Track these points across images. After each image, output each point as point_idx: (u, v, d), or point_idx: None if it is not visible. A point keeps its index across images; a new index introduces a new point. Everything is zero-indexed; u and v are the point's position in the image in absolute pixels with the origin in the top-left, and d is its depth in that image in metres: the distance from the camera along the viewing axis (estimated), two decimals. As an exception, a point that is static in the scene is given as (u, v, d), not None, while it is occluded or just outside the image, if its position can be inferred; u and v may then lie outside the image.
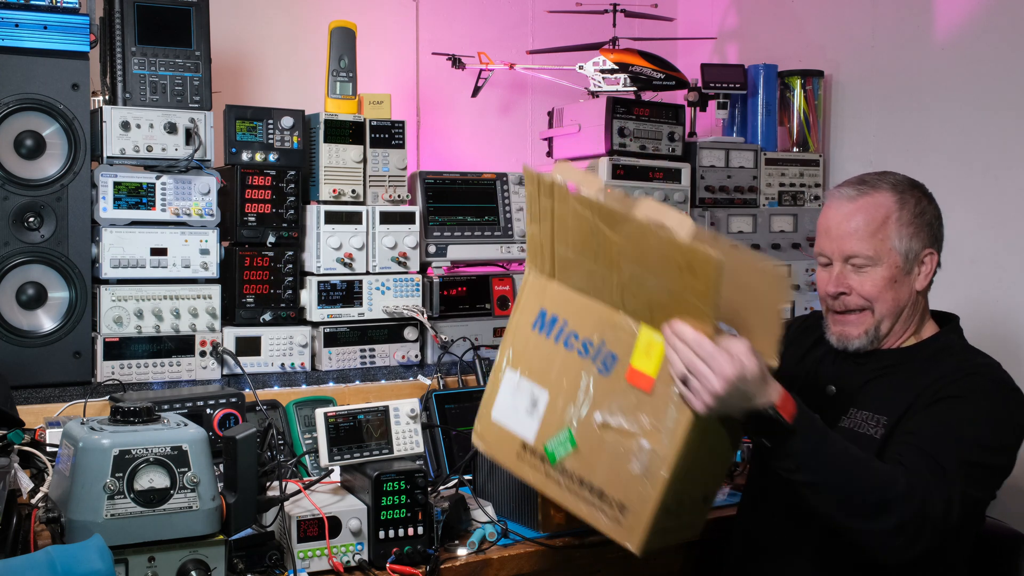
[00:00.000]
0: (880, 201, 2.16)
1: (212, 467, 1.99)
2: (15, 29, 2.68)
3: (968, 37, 3.52)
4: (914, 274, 2.18)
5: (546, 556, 2.38)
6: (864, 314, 2.17)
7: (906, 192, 2.19)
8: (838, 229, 2.17)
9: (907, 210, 2.17)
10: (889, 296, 2.15)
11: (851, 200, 2.18)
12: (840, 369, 2.24)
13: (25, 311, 2.76)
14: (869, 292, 2.15)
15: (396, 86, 3.86)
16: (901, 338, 2.21)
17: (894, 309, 2.16)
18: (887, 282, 2.14)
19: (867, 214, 2.15)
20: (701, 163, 3.80)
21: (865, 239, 2.14)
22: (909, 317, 2.20)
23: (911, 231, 2.16)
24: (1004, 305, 3.41)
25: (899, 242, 2.15)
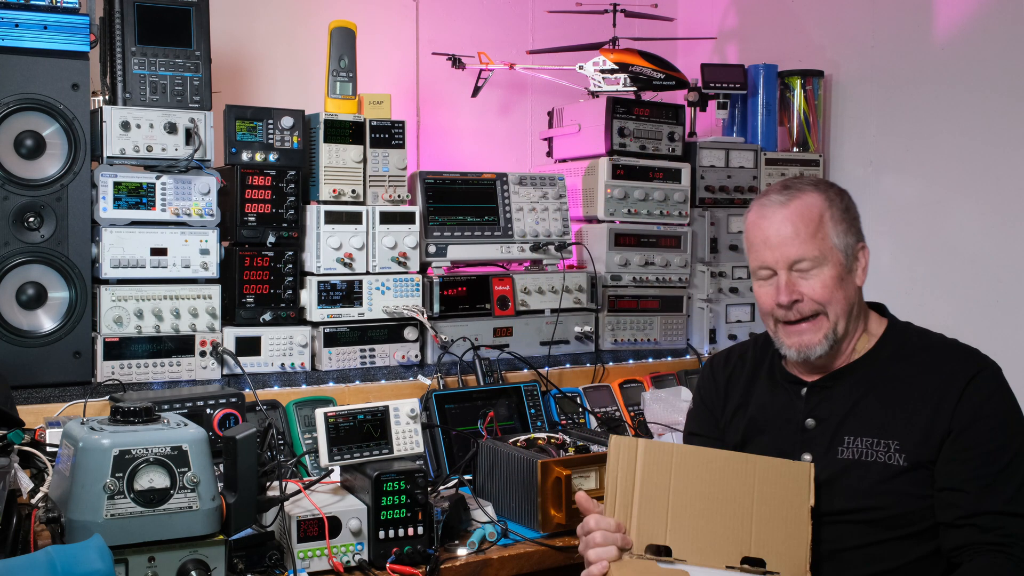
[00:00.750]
0: (810, 201, 2.12)
1: (212, 467, 1.99)
2: (15, 29, 2.68)
3: (968, 37, 3.52)
4: (855, 270, 2.15)
5: (546, 556, 2.38)
6: (819, 319, 2.12)
7: (829, 190, 2.17)
8: (777, 236, 2.11)
9: (836, 207, 2.14)
10: (840, 295, 2.12)
11: (783, 205, 2.12)
12: (812, 399, 2.17)
13: (25, 311, 2.75)
14: (821, 295, 2.11)
15: (396, 86, 3.86)
16: (854, 339, 2.17)
17: (846, 308, 2.12)
18: (836, 281, 2.11)
19: (803, 216, 2.11)
20: (701, 163, 3.80)
21: (807, 241, 2.09)
22: (857, 315, 2.17)
23: (844, 227, 2.13)
24: (1004, 305, 3.41)
25: (837, 239, 2.12)
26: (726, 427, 2.30)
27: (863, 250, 2.16)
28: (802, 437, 2.14)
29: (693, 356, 3.67)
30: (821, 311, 2.11)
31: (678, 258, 3.69)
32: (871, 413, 2.10)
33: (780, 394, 2.23)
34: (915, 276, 3.69)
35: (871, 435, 2.08)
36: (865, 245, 2.17)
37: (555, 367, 3.38)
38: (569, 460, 2.48)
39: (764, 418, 2.22)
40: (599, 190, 3.60)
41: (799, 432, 2.15)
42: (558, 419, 3.18)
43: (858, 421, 2.10)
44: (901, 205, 3.74)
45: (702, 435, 2.33)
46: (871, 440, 2.08)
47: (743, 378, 2.30)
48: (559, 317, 3.43)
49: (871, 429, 2.08)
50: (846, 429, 2.10)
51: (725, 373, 2.35)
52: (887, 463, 2.05)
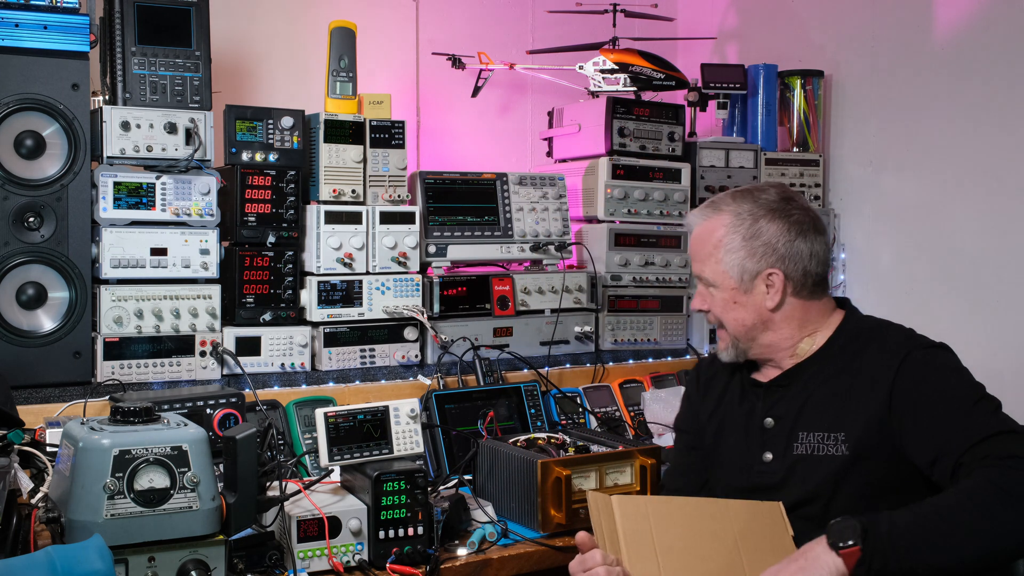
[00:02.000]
0: (715, 226, 2.22)
1: (212, 467, 1.99)
2: (15, 29, 2.68)
3: (968, 37, 3.52)
4: (758, 293, 2.19)
5: (546, 556, 2.38)
6: (722, 331, 2.27)
7: (744, 215, 2.19)
8: (691, 251, 2.30)
9: (737, 234, 2.18)
10: (731, 316, 2.22)
11: (697, 224, 2.27)
12: (770, 398, 2.24)
13: (25, 311, 2.75)
14: (716, 312, 2.25)
15: (396, 86, 3.86)
16: (788, 350, 2.22)
17: (740, 329, 2.22)
18: (726, 303, 2.22)
19: (703, 239, 2.24)
20: (701, 163, 3.80)
21: (703, 262, 2.24)
22: (771, 332, 2.21)
23: (743, 254, 2.18)
24: (1004, 305, 3.41)
25: (729, 265, 2.19)
26: (703, 427, 2.38)
27: (772, 275, 2.18)
28: (762, 437, 2.21)
29: (693, 356, 3.67)
30: (719, 323, 2.26)
31: (678, 258, 3.69)
32: (822, 408, 2.15)
33: (747, 397, 2.31)
34: (915, 276, 3.69)
35: (822, 429, 2.13)
36: (775, 270, 2.17)
37: (555, 367, 3.38)
38: (569, 460, 2.48)
39: (732, 420, 2.31)
40: (599, 190, 3.60)
41: (760, 432, 2.22)
42: (558, 419, 3.18)
43: (810, 417, 2.16)
44: (901, 205, 3.74)
45: (686, 431, 2.45)
46: (822, 435, 2.13)
47: (720, 383, 2.39)
48: (559, 317, 3.43)
49: (822, 424, 2.13)
50: (800, 425, 2.16)
51: (707, 376, 2.44)
52: (834, 455, 2.10)
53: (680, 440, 2.46)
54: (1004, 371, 3.24)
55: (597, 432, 2.91)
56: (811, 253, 2.19)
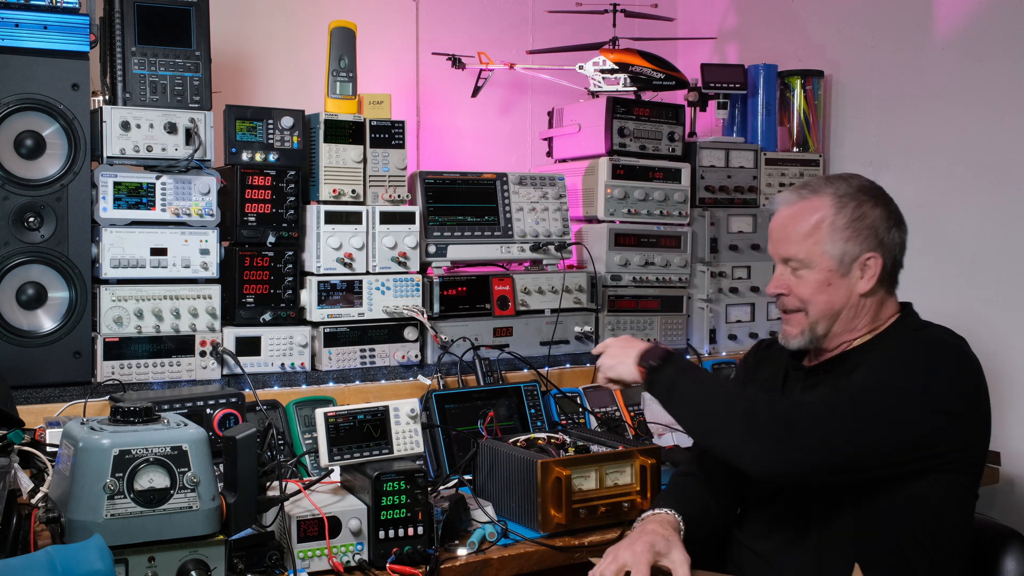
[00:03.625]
0: (816, 206, 2.20)
1: (212, 467, 1.99)
2: (15, 29, 2.68)
3: (968, 37, 3.52)
4: (853, 277, 2.20)
5: (546, 556, 2.38)
6: (799, 315, 2.24)
7: (847, 197, 2.21)
8: (777, 233, 2.26)
9: (843, 215, 2.19)
10: (822, 299, 2.20)
11: (790, 205, 2.25)
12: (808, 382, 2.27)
13: (25, 311, 2.75)
14: (802, 294, 2.21)
15: (396, 86, 3.86)
16: (851, 339, 2.24)
17: (827, 312, 2.20)
18: (820, 285, 2.19)
19: (801, 219, 2.21)
20: (701, 163, 3.80)
21: (797, 242, 2.20)
22: (851, 319, 2.22)
23: (846, 235, 2.18)
24: (1004, 305, 3.41)
25: (831, 246, 2.18)
26: None
27: (871, 259, 2.19)
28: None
29: (693, 356, 3.67)
30: (802, 308, 2.23)
31: (678, 258, 3.69)
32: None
33: (790, 380, 2.34)
34: (915, 276, 3.67)
35: None
36: (875, 255, 2.19)
37: (555, 367, 3.38)
38: (569, 460, 2.48)
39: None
40: (599, 190, 3.60)
41: None
42: (558, 419, 3.18)
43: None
44: (901, 205, 3.71)
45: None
46: None
47: (772, 364, 2.42)
48: (559, 317, 3.43)
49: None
50: None
51: (763, 355, 2.49)
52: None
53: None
54: (1005, 369, 3.25)
55: (597, 432, 2.91)
56: (902, 244, 2.23)
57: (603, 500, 2.49)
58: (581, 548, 2.41)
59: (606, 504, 2.49)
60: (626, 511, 2.51)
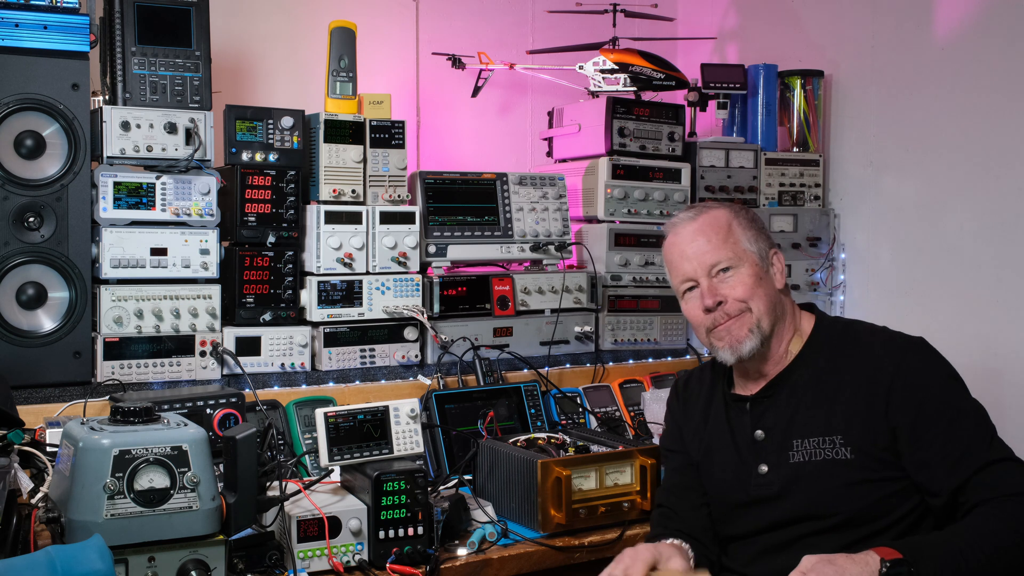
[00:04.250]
0: (717, 215, 2.25)
1: (212, 467, 1.99)
2: (15, 29, 2.68)
3: (968, 37, 3.52)
4: (771, 273, 2.24)
5: (546, 556, 2.38)
6: (744, 315, 2.20)
7: (734, 205, 2.31)
8: (692, 247, 2.23)
9: (742, 216, 2.26)
10: (761, 292, 2.20)
11: (692, 220, 2.26)
12: (756, 411, 2.24)
13: (25, 311, 2.75)
14: (742, 293, 2.20)
15: (396, 86, 3.86)
16: (785, 341, 2.24)
17: (768, 305, 2.20)
18: (755, 279, 2.21)
19: (712, 227, 2.24)
20: (701, 163, 3.80)
21: (720, 246, 2.21)
22: (784, 317, 2.24)
23: (753, 234, 2.24)
24: (1004, 305, 3.41)
25: (748, 243, 2.22)
26: (689, 444, 2.37)
27: (776, 255, 2.27)
28: (755, 449, 2.21)
29: (693, 356, 3.67)
30: (745, 308, 2.20)
31: (678, 258, 3.69)
32: (813, 413, 2.15)
33: (732, 413, 2.30)
34: (915, 276, 3.69)
35: (816, 434, 2.13)
36: (778, 250, 2.28)
37: (555, 367, 3.38)
38: (569, 460, 2.48)
39: (719, 437, 2.29)
40: (599, 190, 3.60)
41: (752, 445, 2.22)
42: (558, 419, 3.18)
43: (803, 423, 2.16)
44: (901, 205, 3.74)
45: (676, 451, 2.41)
46: (817, 439, 2.13)
47: (701, 400, 2.38)
48: (559, 317, 3.43)
49: (815, 428, 2.14)
50: (793, 433, 2.16)
51: (684, 396, 2.44)
52: (835, 459, 2.10)
53: (672, 459, 2.42)
54: (1003, 371, 3.24)
55: (597, 432, 2.91)
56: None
57: (603, 500, 2.50)
58: (581, 548, 2.41)
59: (606, 504, 2.50)
60: (626, 511, 2.51)
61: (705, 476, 2.31)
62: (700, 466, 2.32)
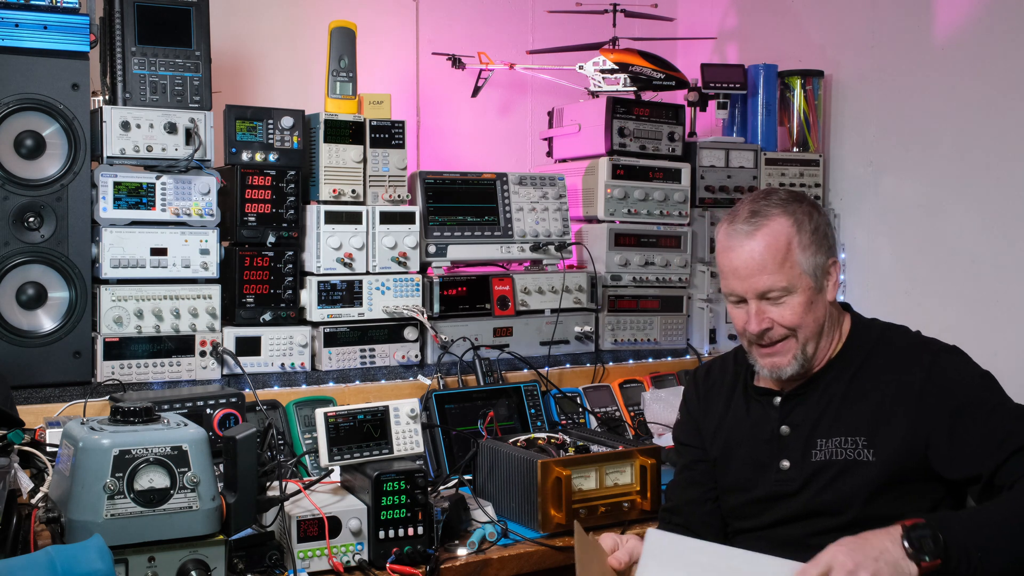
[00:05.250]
0: (777, 229, 2.11)
1: (212, 467, 1.99)
2: (15, 29, 2.68)
3: (968, 37, 3.52)
4: (825, 288, 2.16)
5: (546, 556, 2.38)
6: (788, 341, 2.13)
7: (797, 211, 2.13)
8: (746, 268, 2.11)
9: (804, 230, 2.12)
10: (810, 319, 2.13)
11: (749, 236, 2.11)
12: (785, 407, 2.21)
13: (25, 311, 2.75)
14: (791, 321, 2.12)
15: (396, 86, 3.86)
16: (826, 352, 2.20)
17: (816, 330, 2.15)
18: (805, 307, 2.12)
19: (769, 246, 2.10)
20: (701, 163, 3.80)
21: (775, 272, 2.09)
22: (830, 330, 2.20)
23: (813, 249, 2.11)
24: (1004, 305, 3.41)
25: (806, 263, 2.11)
26: (707, 439, 2.33)
27: (834, 265, 2.16)
28: (778, 445, 2.18)
29: (693, 356, 3.67)
30: (791, 335, 2.13)
31: (678, 258, 3.69)
32: (841, 414, 2.14)
33: (755, 407, 2.26)
34: (915, 276, 3.69)
35: (840, 434, 2.11)
36: (836, 259, 2.17)
37: (555, 367, 3.38)
38: (569, 460, 2.48)
39: (741, 430, 2.26)
40: (599, 190, 3.60)
41: (775, 440, 2.19)
42: (558, 419, 3.18)
43: (829, 423, 2.14)
44: (901, 205, 3.74)
45: (689, 444, 2.37)
46: (840, 439, 2.11)
47: (722, 392, 2.34)
48: (559, 317, 3.43)
49: (840, 429, 2.12)
50: (819, 432, 2.14)
51: (705, 387, 2.38)
52: (856, 460, 2.08)
53: (685, 453, 2.38)
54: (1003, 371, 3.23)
55: (597, 432, 2.91)
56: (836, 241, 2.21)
57: (603, 500, 2.50)
58: (581, 548, 2.41)
59: (606, 504, 2.50)
60: (626, 511, 2.51)
61: (721, 470, 2.29)
62: (717, 460, 2.29)
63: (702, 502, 2.30)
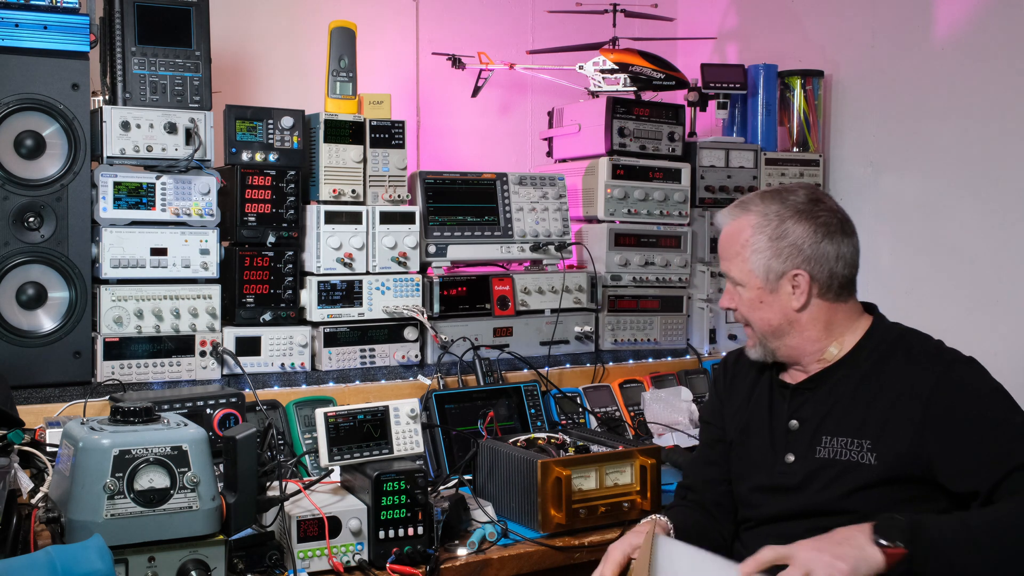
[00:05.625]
0: (742, 225, 2.21)
1: (212, 467, 1.99)
2: (15, 29, 2.68)
3: (968, 37, 3.52)
4: (783, 294, 2.18)
5: (546, 556, 2.38)
6: (749, 329, 2.27)
7: (771, 214, 2.18)
8: (719, 251, 2.30)
9: (763, 234, 2.17)
10: (757, 316, 2.21)
11: (724, 219, 2.27)
12: (795, 401, 2.24)
13: (25, 311, 2.75)
14: (743, 311, 2.24)
15: (396, 86, 3.86)
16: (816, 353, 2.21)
17: (767, 328, 2.21)
18: (753, 303, 2.21)
19: (731, 237, 2.23)
20: (701, 163, 3.80)
21: (730, 261, 2.24)
22: (800, 334, 2.20)
23: (768, 254, 2.16)
24: (1004, 305, 3.41)
25: (755, 264, 2.18)
26: (728, 421, 2.37)
27: (798, 275, 2.16)
28: (786, 439, 2.21)
29: (693, 356, 3.67)
30: (746, 322, 2.26)
31: (678, 258, 3.70)
32: (848, 413, 2.15)
33: (776, 399, 2.29)
34: (915, 276, 3.69)
35: (846, 435, 2.13)
36: (801, 272, 2.16)
37: (555, 367, 3.38)
38: (569, 460, 2.48)
39: (758, 420, 2.30)
40: (599, 190, 3.60)
41: (784, 434, 2.22)
42: (558, 419, 3.18)
43: (836, 421, 2.15)
44: (901, 205, 3.74)
45: (711, 423, 2.44)
46: (845, 440, 2.12)
47: (748, 379, 2.37)
48: (559, 317, 3.43)
49: (847, 429, 2.13)
50: (825, 429, 2.16)
51: (733, 371, 2.43)
52: (859, 462, 2.09)
53: (707, 431, 2.46)
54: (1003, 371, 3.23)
55: (597, 432, 2.91)
56: (838, 255, 2.17)
57: (603, 500, 2.49)
58: (581, 548, 2.41)
59: (606, 504, 2.49)
60: (626, 511, 2.51)
61: (736, 455, 2.32)
62: (733, 444, 2.33)
63: (718, 483, 2.35)
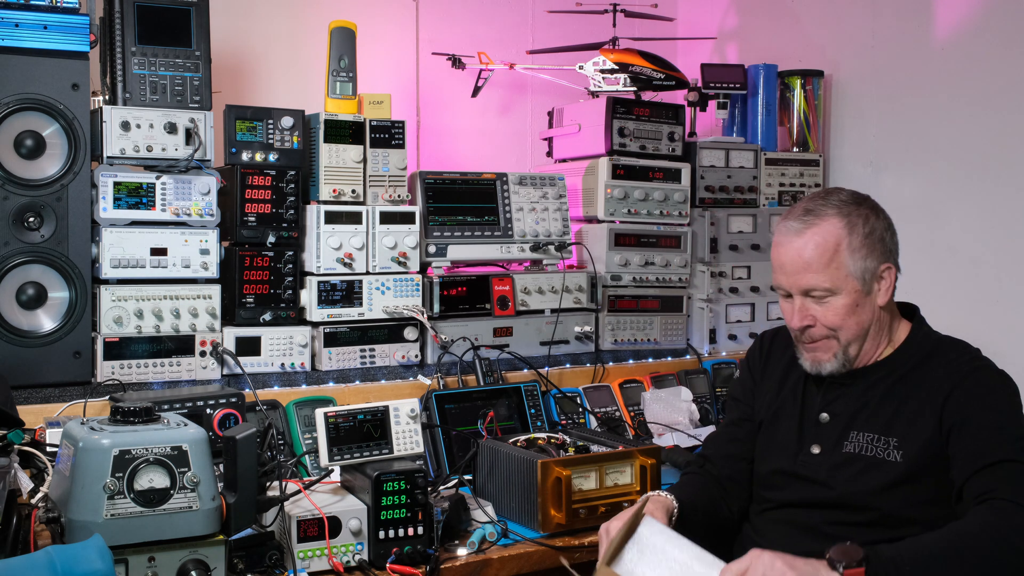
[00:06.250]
0: (827, 229, 2.13)
1: (212, 467, 1.99)
2: (15, 29, 2.68)
3: (968, 37, 3.52)
4: (875, 292, 2.17)
5: (546, 556, 2.38)
6: (830, 340, 2.17)
7: (852, 213, 2.15)
8: (792, 265, 2.15)
9: (856, 233, 2.13)
10: (852, 322, 2.16)
11: (798, 234, 2.15)
12: (829, 395, 2.24)
13: (25, 311, 2.75)
14: (832, 321, 2.15)
15: (396, 86, 3.86)
16: (875, 353, 2.22)
17: (858, 333, 2.17)
18: (849, 309, 2.14)
19: (817, 246, 2.13)
20: (701, 163, 3.80)
21: (819, 271, 2.12)
22: (877, 334, 2.21)
23: (864, 252, 2.13)
24: (1004, 305, 3.41)
25: (853, 266, 2.13)
26: (760, 400, 2.38)
27: (888, 270, 2.17)
28: (815, 430, 2.22)
29: (693, 356, 3.67)
30: (832, 335, 2.16)
31: (678, 258, 3.69)
32: (879, 411, 2.16)
33: (808, 385, 2.29)
34: (915, 276, 3.68)
35: (874, 431, 2.14)
36: (891, 265, 2.18)
37: (555, 367, 3.38)
38: (569, 460, 2.48)
39: (788, 406, 2.30)
40: (599, 190, 3.60)
41: (814, 425, 2.23)
42: (558, 419, 3.18)
43: (866, 418, 2.17)
44: (901, 205, 3.72)
45: (741, 401, 2.43)
46: (873, 436, 2.14)
47: (783, 361, 2.37)
48: (559, 317, 3.43)
49: (876, 426, 2.14)
50: (855, 425, 2.17)
51: (770, 348, 2.43)
52: (885, 459, 2.11)
53: (735, 408, 2.44)
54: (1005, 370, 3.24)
55: (597, 432, 2.91)
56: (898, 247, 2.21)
57: (603, 500, 2.49)
58: (581, 548, 2.41)
59: (606, 504, 2.49)
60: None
61: (764, 436, 2.32)
62: (762, 424, 2.33)
63: (738, 459, 2.35)
